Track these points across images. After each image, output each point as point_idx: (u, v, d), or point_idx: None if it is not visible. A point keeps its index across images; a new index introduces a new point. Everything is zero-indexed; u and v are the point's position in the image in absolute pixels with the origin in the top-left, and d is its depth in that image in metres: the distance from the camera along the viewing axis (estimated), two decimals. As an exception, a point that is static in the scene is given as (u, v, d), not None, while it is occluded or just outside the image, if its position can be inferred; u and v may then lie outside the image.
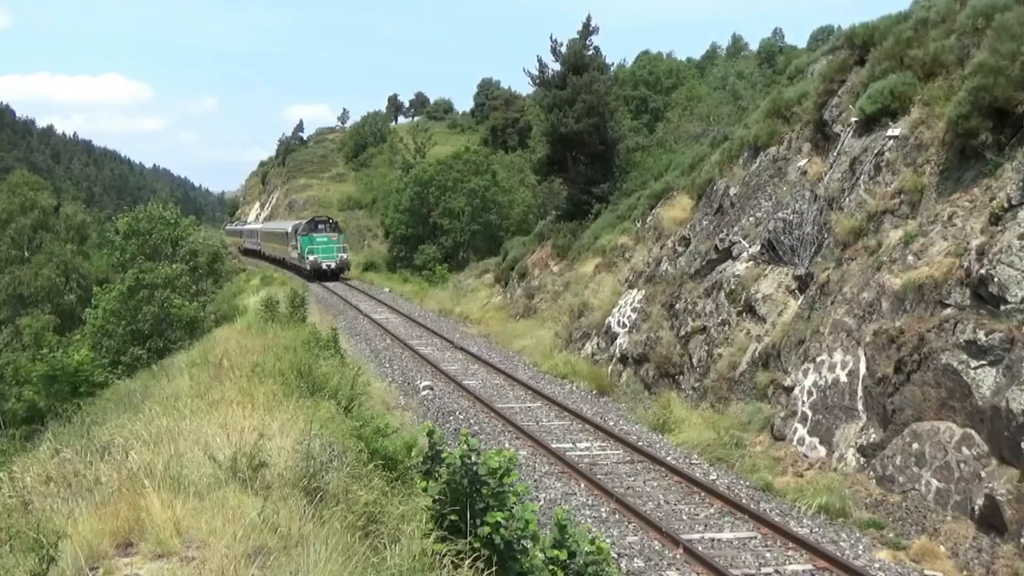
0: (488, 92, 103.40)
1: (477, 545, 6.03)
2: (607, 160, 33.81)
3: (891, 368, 12.09)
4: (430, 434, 6.89)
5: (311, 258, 51.19)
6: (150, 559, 5.12)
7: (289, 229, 58.51)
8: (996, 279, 10.91)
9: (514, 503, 6.38)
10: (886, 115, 15.53)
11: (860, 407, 12.72)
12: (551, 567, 6.12)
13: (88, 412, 13.49)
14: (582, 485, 12.99)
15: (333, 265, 51.43)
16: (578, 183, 33.42)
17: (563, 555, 6.12)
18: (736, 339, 16.86)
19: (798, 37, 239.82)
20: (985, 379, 10.59)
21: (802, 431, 13.58)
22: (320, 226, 53.56)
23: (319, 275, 50.35)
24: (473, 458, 6.34)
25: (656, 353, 19.08)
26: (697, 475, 13.27)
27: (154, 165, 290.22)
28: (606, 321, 22.52)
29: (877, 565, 9.99)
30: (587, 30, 34.55)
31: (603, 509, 11.91)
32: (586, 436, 15.94)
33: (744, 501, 12.04)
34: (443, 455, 6.58)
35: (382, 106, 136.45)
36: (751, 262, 17.78)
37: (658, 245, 23.33)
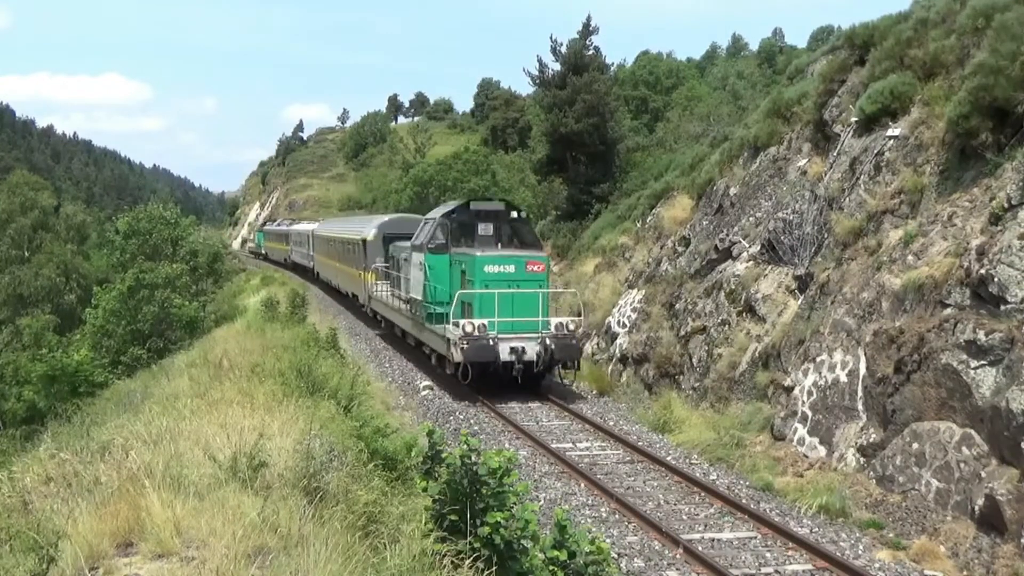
0: (488, 92, 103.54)
1: (477, 545, 6.03)
2: (607, 160, 33.88)
3: (891, 368, 12.09)
4: (430, 434, 6.88)
5: (467, 330, 17.72)
6: (150, 559, 5.12)
7: (370, 234, 29.07)
8: (996, 279, 10.91)
9: (514, 503, 6.37)
10: (886, 115, 15.54)
11: (860, 407, 12.72)
12: (551, 567, 6.11)
13: (88, 412, 13.49)
14: (582, 485, 12.98)
15: (532, 353, 17.95)
16: (578, 183, 33.47)
17: (563, 555, 6.12)
18: (736, 339, 16.86)
19: (798, 37, 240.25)
20: (985, 379, 10.59)
21: (802, 431, 13.58)
22: (483, 225, 20.40)
23: (498, 375, 18.26)
24: (473, 458, 6.34)
25: (656, 353, 19.08)
26: (697, 475, 13.27)
27: (154, 165, 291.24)
28: (606, 321, 22.52)
29: (877, 565, 9.99)
30: (587, 30, 34.63)
31: (603, 509, 11.91)
32: (586, 436, 15.93)
33: (744, 501, 12.04)
34: (443, 455, 6.58)
35: (382, 106, 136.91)
36: (751, 262, 17.78)
37: (658, 245, 23.34)
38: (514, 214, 20.77)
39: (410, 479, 8.20)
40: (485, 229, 20.36)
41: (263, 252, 70.25)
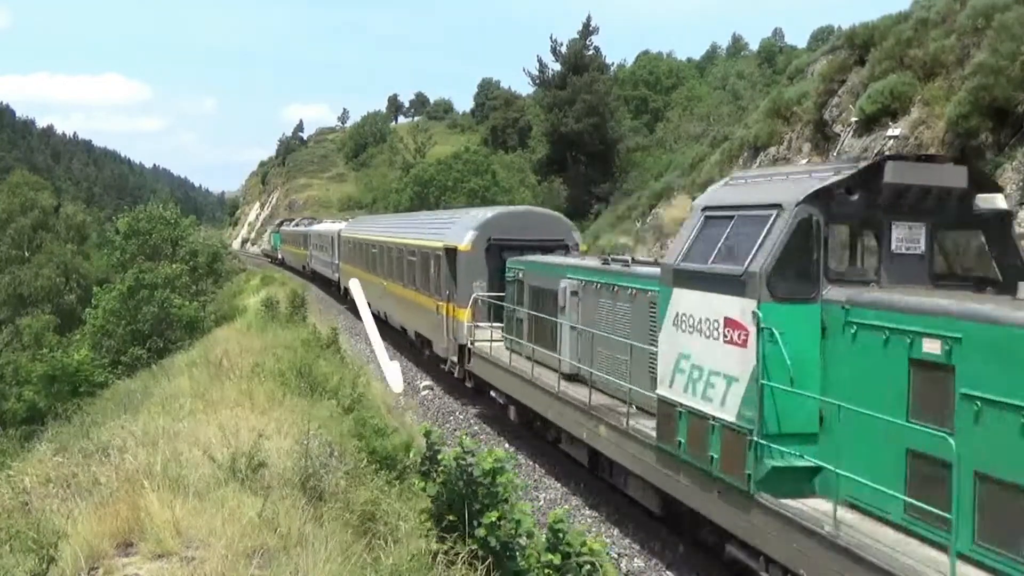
0: (488, 92, 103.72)
1: (474, 546, 6.02)
2: (607, 160, 33.94)
3: (890, 368, 12.08)
4: (427, 435, 6.87)
5: None
6: (150, 559, 5.13)
7: (464, 239, 16.64)
8: (995, 279, 10.89)
9: (507, 499, 6.35)
10: (886, 115, 15.56)
11: (859, 407, 12.70)
12: (547, 570, 6.10)
13: (88, 412, 13.50)
14: (582, 486, 12.96)
15: None
16: (578, 183, 33.49)
17: (556, 559, 6.07)
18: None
19: (798, 37, 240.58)
20: (984, 379, 10.57)
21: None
22: (904, 228, 7.42)
23: None
24: (468, 459, 6.32)
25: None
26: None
27: (154, 165, 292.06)
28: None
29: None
30: (587, 30, 34.68)
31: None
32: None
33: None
34: (440, 456, 6.57)
35: (382, 106, 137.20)
36: (751, 262, 17.74)
37: (658, 245, 23.34)
38: (991, 202, 7.84)
39: (408, 478, 8.21)
40: (909, 237, 7.70)
41: (280, 257, 62.08)
